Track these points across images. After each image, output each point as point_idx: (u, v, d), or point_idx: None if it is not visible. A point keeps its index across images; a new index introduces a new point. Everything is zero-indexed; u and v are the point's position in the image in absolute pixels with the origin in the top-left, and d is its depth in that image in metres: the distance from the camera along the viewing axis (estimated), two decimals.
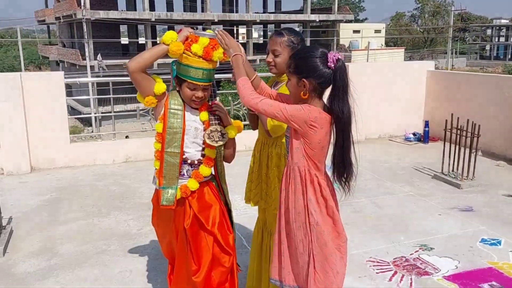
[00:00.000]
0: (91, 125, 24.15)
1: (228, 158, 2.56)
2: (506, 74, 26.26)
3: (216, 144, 2.36)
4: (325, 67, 2.01)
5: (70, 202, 4.85)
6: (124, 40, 39.39)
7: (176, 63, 2.35)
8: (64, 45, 35.98)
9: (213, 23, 32.44)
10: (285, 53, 2.43)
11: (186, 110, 2.37)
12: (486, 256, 3.62)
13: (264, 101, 2.06)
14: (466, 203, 4.77)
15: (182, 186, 2.39)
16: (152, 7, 33.87)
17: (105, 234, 4.06)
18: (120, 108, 17.31)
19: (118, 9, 34.31)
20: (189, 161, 2.40)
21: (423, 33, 56.00)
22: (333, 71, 2.01)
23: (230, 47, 2.23)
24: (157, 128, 2.37)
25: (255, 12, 36.55)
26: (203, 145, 2.40)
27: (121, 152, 6.32)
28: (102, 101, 16.39)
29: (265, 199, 2.64)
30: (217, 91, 3.70)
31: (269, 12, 41.14)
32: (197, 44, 2.25)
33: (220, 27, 30.76)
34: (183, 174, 2.40)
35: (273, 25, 40.20)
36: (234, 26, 37.04)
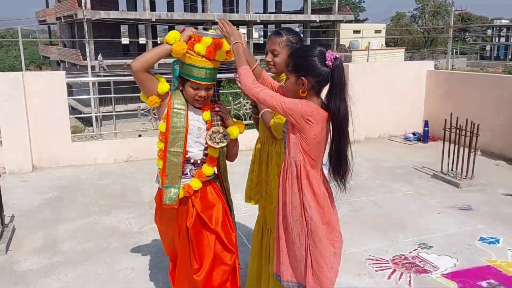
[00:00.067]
0: (91, 126, 24.17)
1: (230, 157, 2.57)
2: (506, 74, 26.22)
3: (217, 146, 2.37)
4: (323, 65, 2.04)
5: (72, 200, 4.88)
6: (125, 40, 39.36)
7: (179, 63, 2.36)
8: (65, 45, 36.01)
9: (213, 23, 32.44)
10: (284, 52, 2.45)
11: (189, 109, 2.39)
12: (485, 254, 3.65)
13: (265, 91, 2.09)
14: (465, 202, 4.80)
15: (185, 185, 2.40)
16: (152, 7, 33.89)
17: (106, 232, 4.09)
18: (121, 108, 17.32)
19: (118, 9, 34.33)
20: (192, 160, 2.41)
21: (423, 33, 55.94)
22: (331, 70, 2.04)
23: (231, 35, 2.26)
24: (160, 128, 2.39)
25: (256, 12, 36.55)
26: (206, 145, 2.41)
27: (122, 151, 6.35)
28: (103, 101, 16.39)
29: (265, 197, 2.66)
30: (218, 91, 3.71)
31: (269, 12, 41.11)
32: (200, 44, 2.28)
33: None
34: (186, 174, 2.41)
35: (274, 25, 40.17)
36: (235, 26, 36.99)
